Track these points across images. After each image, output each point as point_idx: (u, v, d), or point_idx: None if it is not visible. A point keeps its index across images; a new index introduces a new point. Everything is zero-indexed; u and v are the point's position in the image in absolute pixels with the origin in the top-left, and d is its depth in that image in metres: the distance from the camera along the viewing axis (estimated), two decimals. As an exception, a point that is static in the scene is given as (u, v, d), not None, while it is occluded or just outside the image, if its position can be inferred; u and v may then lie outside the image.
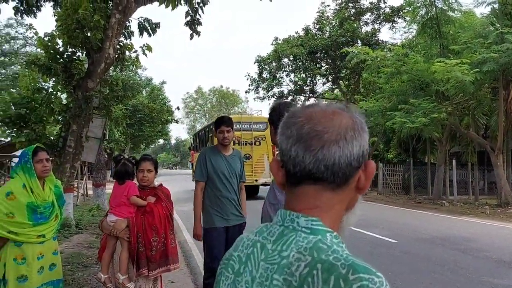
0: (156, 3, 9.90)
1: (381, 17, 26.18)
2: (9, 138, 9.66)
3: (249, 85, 29.94)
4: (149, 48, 10.09)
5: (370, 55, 17.40)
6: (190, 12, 10.47)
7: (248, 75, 29.84)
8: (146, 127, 29.25)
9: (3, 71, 31.82)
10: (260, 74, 29.36)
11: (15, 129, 8.76)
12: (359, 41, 25.18)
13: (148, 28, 12.22)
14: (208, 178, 4.07)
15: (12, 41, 32.58)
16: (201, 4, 10.61)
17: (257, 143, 17.63)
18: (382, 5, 26.08)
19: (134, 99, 25.95)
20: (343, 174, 0.80)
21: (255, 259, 0.83)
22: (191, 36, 10.68)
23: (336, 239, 0.80)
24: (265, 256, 0.81)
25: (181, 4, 9.81)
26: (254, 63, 29.30)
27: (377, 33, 26.02)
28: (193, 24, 10.62)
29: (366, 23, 26.97)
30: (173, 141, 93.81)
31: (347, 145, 0.79)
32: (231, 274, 0.87)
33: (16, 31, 32.17)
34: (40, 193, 3.19)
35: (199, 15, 10.66)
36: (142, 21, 12.05)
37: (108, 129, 14.88)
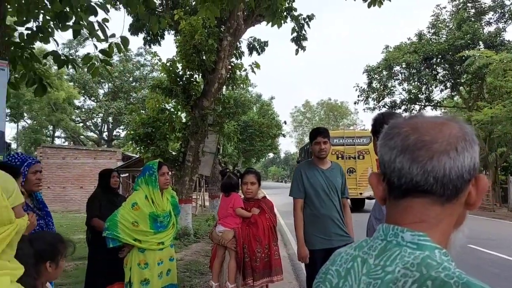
0: (264, 22, 10.33)
1: (506, 15, 23.50)
2: (139, 154, 10.87)
3: (358, 96, 29.20)
4: (258, 66, 10.54)
5: (493, 58, 15.70)
6: (296, 28, 10.69)
7: (357, 86, 29.14)
8: (256, 141, 30.36)
9: (135, 95, 36.05)
10: (369, 84, 28.46)
11: (143, 146, 9.84)
12: (480, 42, 22.90)
13: (257, 47, 12.79)
14: (306, 195, 3.68)
15: (141, 68, 36.83)
16: (307, 20, 10.77)
17: (361, 157, 17.49)
18: (507, 2, 23.43)
19: (245, 115, 27.19)
20: (453, 187, 0.76)
21: (356, 274, 0.82)
22: (297, 51, 10.88)
23: (446, 256, 0.76)
24: (367, 270, 0.80)
25: (286, 22, 10.08)
26: (363, 73, 28.52)
27: (501, 33, 23.40)
28: (298, 39, 10.82)
29: (489, 23, 24.45)
30: (282, 155, 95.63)
31: (458, 156, 0.76)
32: None
33: (145, 59, 36.34)
34: (160, 203, 3.52)
35: (305, 30, 10.82)
36: (252, 41, 12.69)
37: (222, 144, 15.83)
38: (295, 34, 10.79)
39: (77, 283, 5.88)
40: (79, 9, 3.83)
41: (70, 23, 4.28)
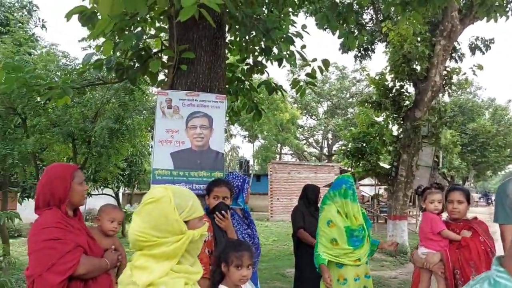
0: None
1: None
2: (351, 169, 11.11)
3: None
4: (480, 67, 9.31)
5: None
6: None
7: None
8: (490, 152, 26.35)
9: (352, 110, 36.87)
10: None
11: (354, 160, 10.01)
12: None
13: (481, 46, 11.34)
14: None
15: (357, 83, 37.44)
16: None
17: None
18: None
19: (473, 122, 24.07)
20: None
21: None
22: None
23: None
24: None
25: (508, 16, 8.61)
26: None
27: None
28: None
29: None
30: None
31: None
32: None
33: (361, 74, 36.84)
34: (358, 216, 3.53)
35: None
36: (474, 40, 11.34)
37: (442, 156, 14.46)
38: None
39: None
40: (280, 41, 4.32)
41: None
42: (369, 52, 13.26)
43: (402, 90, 9.78)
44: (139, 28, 4.17)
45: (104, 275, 2.09)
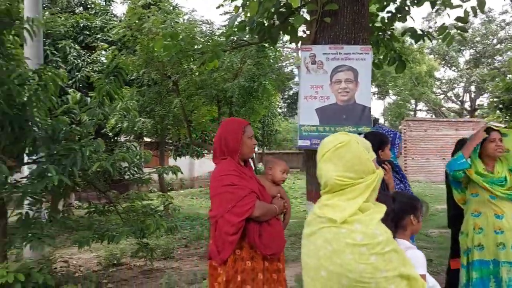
0: None
1: None
2: (504, 124, 9.81)
3: None
4: None
5: None
6: None
7: None
8: None
9: (500, 58, 32.10)
10: None
11: (508, 114, 8.82)
12: None
13: None
14: None
15: (507, 26, 32.24)
16: None
17: None
18: None
19: None
20: None
21: None
22: None
23: None
24: None
25: None
26: None
27: None
28: None
29: None
30: None
31: None
32: None
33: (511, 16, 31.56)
34: None
35: None
36: None
37: None
38: None
39: (440, 249, 6.34)
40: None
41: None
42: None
43: None
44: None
45: (275, 219, 2.29)
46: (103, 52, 9.16)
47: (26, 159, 5.11)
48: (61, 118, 5.00)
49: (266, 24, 4.28)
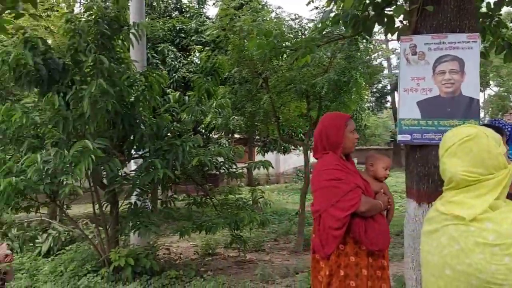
0: None
1: None
2: None
3: None
4: None
5: None
6: None
7: None
8: None
9: None
10: None
11: None
12: None
13: None
14: None
15: None
16: None
17: None
18: None
19: None
20: None
21: None
22: None
23: None
24: None
25: None
26: None
27: None
28: None
29: None
30: None
31: None
32: None
33: None
34: None
35: None
36: None
37: None
38: None
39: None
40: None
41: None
42: None
43: None
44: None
45: (380, 215, 2.24)
46: (197, 54, 9.66)
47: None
48: (164, 116, 5.39)
49: (360, 16, 4.17)
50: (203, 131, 9.83)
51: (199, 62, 9.61)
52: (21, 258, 5.94)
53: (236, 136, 12.84)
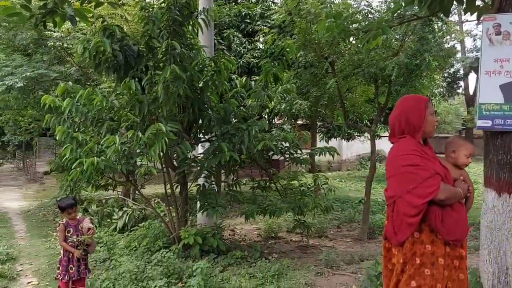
0: None
1: None
2: None
3: None
4: None
5: None
6: None
7: None
8: None
9: None
10: None
11: None
12: None
13: None
14: None
15: None
16: None
17: None
18: None
19: None
20: None
21: None
22: None
23: None
24: None
25: None
26: None
27: None
28: None
29: None
30: None
31: None
32: None
33: None
34: None
35: None
36: None
37: None
38: None
39: None
40: None
41: None
42: None
43: None
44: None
45: (458, 204, 2.14)
46: (261, 39, 9.66)
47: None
48: (231, 101, 5.50)
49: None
50: (266, 116, 9.87)
51: (263, 47, 9.63)
52: (99, 233, 6.43)
53: (299, 122, 12.75)
